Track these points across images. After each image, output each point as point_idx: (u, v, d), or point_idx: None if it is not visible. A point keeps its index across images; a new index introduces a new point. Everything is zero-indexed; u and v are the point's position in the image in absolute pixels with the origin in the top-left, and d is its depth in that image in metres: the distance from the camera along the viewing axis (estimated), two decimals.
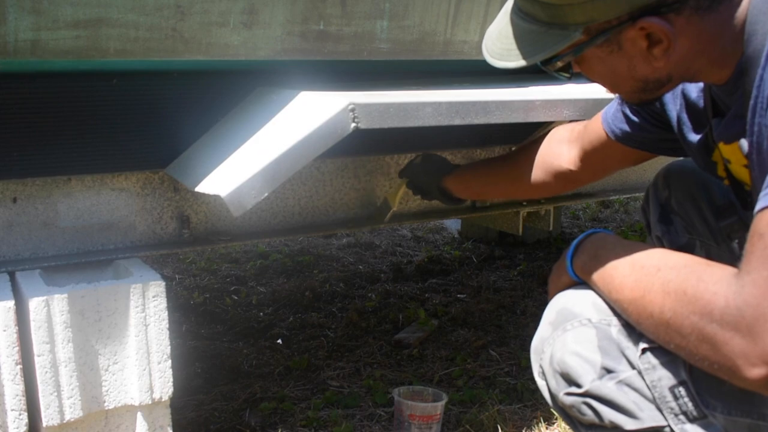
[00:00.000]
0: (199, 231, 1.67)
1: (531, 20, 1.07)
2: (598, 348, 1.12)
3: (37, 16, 1.22)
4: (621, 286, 1.07)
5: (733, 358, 0.89)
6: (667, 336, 0.99)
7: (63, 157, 1.48)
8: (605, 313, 1.15)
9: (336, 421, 1.96)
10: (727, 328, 0.89)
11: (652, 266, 1.03)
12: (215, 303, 2.94)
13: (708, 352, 0.93)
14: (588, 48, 1.05)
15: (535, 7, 1.05)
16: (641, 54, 1.04)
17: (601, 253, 1.16)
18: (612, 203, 4.77)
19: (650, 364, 1.08)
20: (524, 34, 1.08)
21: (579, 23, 1.02)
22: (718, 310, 0.90)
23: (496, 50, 1.12)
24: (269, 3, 1.41)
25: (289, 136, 1.33)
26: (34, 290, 1.29)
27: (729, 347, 0.89)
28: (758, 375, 0.87)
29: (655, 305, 0.99)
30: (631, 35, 1.02)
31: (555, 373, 1.17)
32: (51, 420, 1.29)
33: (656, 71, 1.06)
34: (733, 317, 0.88)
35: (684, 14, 1.00)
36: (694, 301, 0.93)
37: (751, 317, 0.87)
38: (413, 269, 3.39)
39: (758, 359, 0.86)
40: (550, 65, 1.10)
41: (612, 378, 1.11)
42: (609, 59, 1.07)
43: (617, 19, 1.00)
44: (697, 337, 0.93)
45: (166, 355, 1.39)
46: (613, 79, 1.12)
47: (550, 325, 1.20)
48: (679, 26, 1.00)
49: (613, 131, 1.47)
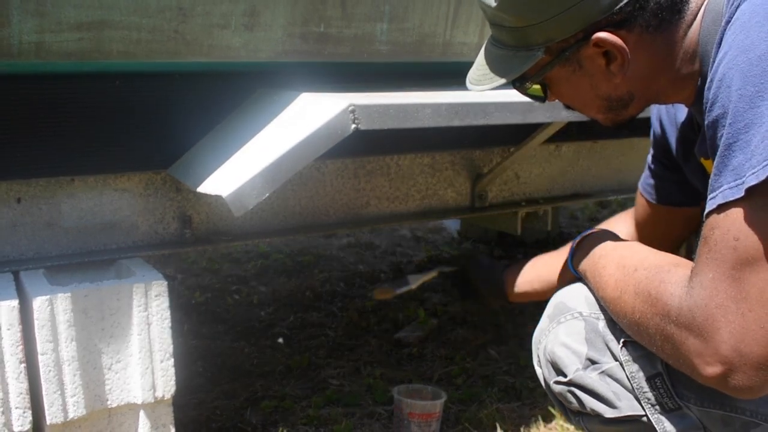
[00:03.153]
0: (200, 231, 1.69)
1: (500, 46, 1.14)
2: (585, 340, 1.18)
3: (40, 18, 1.24)
4: (605, 284, 1.13)
5: (690, 357, 0.94)
6: (638, 335, 1.05)
7: (66, 158, 1.49)
8: (595, 307, 1.20)
9: (336, 420, 1.97)
10: (682, 329, 0.94)
11: (631, 266, 1.08)
12: (217, 302, 2.95)
13: (671, 351, 0.98)
14: (552, 68, 1.10)
15: (502, 33, 1.12)
16: (600, 72, 1.08)
17: (595, 251, 1.21)
18: (610, 203, 4.77)
19: (630, 356, 1.13)
20: (495, 59, 1.15)
21: (540, 43, 1.08)
22: (674, 312, 0.95)
23: (474, 77, 1.18)
24: (270, 5, 1.42)
25: (289, 137, 1.34)
26: (38, 290, 1.30)
27: (686, 347, 0.94)
28: (713, 373, 0.92)
29: (628, 306, 1.05)
30: (589, 53, 1.07)
31: (547, 362, 1.24)
32: (54, 418, 1.31)
33: (617, 88, 1.11)
34: (686, 318, 0.93)
35: (635, 32, 1.05)
36: (655, 303, 0.99)
37: (701, 318, 0.91)
38: (413, 269, 3.40)
39: (711, 358, 0.91)
40: (521, 88, 1.16)
41: (595, 369, 1.16)
42: (573, 79, 1.12)
43: (573, 38, 1.06)
44: (661, 337, 0.99)
45: (168, 353, 1.40)
46: (580, 98, 1.17)
47: (548, 318, 1.27)
48: (631, 43, 1.05)
49: (647, 191, 1.47)
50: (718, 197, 0.91)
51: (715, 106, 0.93)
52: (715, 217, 0.91)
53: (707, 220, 0.93)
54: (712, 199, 0.92)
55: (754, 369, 0.89)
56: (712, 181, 0.93)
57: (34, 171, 1.47)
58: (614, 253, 1.16)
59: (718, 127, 0.93)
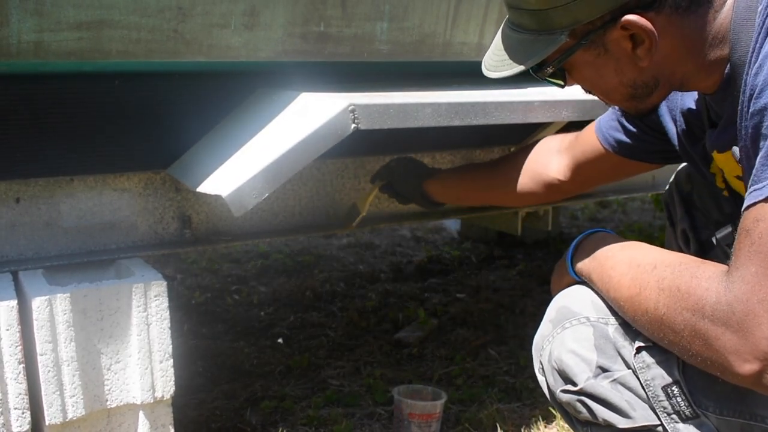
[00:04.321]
0: (200, 231, 1.68)
1: (520, 30, 1.10)
2: (595, 347, 1.13)
3: (39, 17, 1.23)
4: (618, 284, 1.09)
5: (724, 353, 0.90)
6: (661, 332, 1.01)
7: (65, 158, 1.49)
8: (603, 311, 1.16)
9: (336, 420, 1.97)
10: (718, 324, 0.91)
11: (648, 264, 1.04)
12: (216, 302, 2.95)
13: (700, 348, 0.94)
14: (576, 51, 1.07)
15: (523, 17, 1.08)
16: (626, 56, 1.05)
17: (599, 252, 1.18)
18: (610, 203, 4.77)
19: (644, 363, 1.09)
20: (515, 44, 1.11)
21: (564, 26, 1.04)
22: (710, 306, 0.92)
23: (491, 62, 1.15)
24: (270, 4, 1.42)
25: (289, 137, 1.34)
26: (37, 290, 1.30)
27: (720, 343, 0.91)
28: (749, 371, 0.89)
29: (650, 301, 1.01)
30: (615, 36, 1.03)
31: (553, 370, 1.19)
32: (54, 419, 1.30)
33: (642, 73, 1.07)
34: (723, 313, 0.90)
35: (664, 13, 1.01)
36: (686, 297, 0.95)
37: (741, 313, 0.88)
38: (413, 269, 3.40)
39: (749, 355, 0.88)
40: (541, 72, 1.12)
41: (607, 377, 1.12)
42: (597, 63, 1.08)
43: (600, 20, 1.02)
44: (690, 333, 0.95)
45: (167, 354, 1.40)
46: (603, 84, 1.13)
47: (551, 323, 1.22)
48: (660, 25, 1.01)
49: (607, 140, 1.47)
50: (766, 189, 0.87)
51: (765, 94, 0.90)
52: (761, 208, 0.88)
53: (749, 210, 0.90)
54: (757, 190, 0.89)
55: None
56: (757, 171, 0.90)
57: (33, 171, 1.47)
58: (622, 254, 1.12)
59: (765, 115, 0.90)
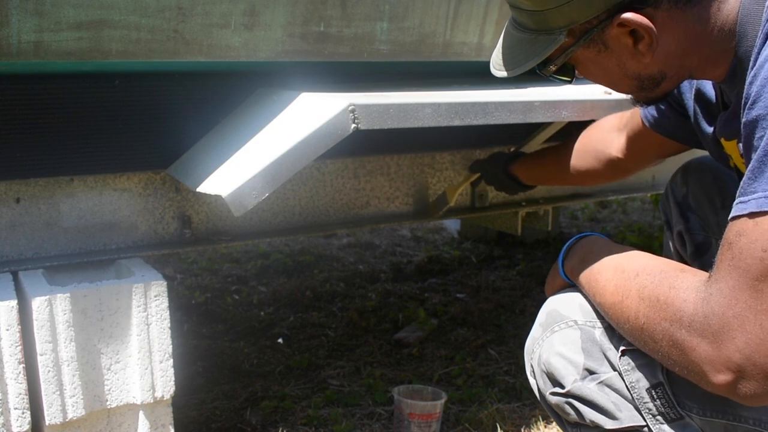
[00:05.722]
0: (200, 231, 1.68)
1: (522, 29, 1.11)
2: (582, 349, 1.14)
3: (39, 17, 1.23)
4: (603, 289, 1.10)
5: (700, 363, 0.92)
6: (641, 341, 1.02)
7: (65, 158, 1.49)
8: (591, 315, 1.16)
9: (336, 420, 1.97)
10: (694, 335, 0.92)
11: (631, 271, 1.05)
12: (216, 302, 2.95)
13: (678, 357, 0.95)
14: (575, 50, 1.07)
15: (523, 17, 1.09)
16: (628, 51, 1.05)
17: (588, 256, 1.18)
18: (610, 203, 4.77)
19: (629, 365, 1.10)
20: (517, 43, 1.12)
21: (562, 27, 1.05)
22: (687, 317, 0.93)
23: (498, 61, 1.16)
24: (270, 5, 1.42)
25: (289, 137, 1.34)
26: (37, 290, 1.30)
27: (696, 353, 0.92)
28: (723, 381, 0.90)
29: (631, 310, 1.02)
30: (614, 33, 1.03)
31: (542, 373, 1.20)
32: (54, 419, 1.30)
33: (646, 68, 1.08)
34: (700, 324, 0.91)
35: (663, 8, 1.01)
36: (665, 308, 0.96)
37: (716, 325, 0.89)
38: (413, 269, 3.40)
39: (722, 366, 0.89)
40: (545, 70, 1.13)
41: (594, 379, 1.13)
42: (599, 59, 1.09)
43: (596, 19, 1.02)
44: (668, 343, 0.96)
45: (167, 354, 1.40)
46: (609, 78, 1.14)
47: (540, 327, 1.22)
48: (660, 21, 1.01)
49: (646, 117, 1.51)
50: (751, 204, 0.87)
51: (757, 105, 0.90)
52: (744, 222, 0.88)
53: (733, 223, 0.90)
54: (742, 203, 0.89)
55: (766, 377, 0.87)
56: (744, 184, 0.90)
57: (33, 171, 1.47)
58: (610, 258, 1.12)
59: (757, 127, 0.90)
